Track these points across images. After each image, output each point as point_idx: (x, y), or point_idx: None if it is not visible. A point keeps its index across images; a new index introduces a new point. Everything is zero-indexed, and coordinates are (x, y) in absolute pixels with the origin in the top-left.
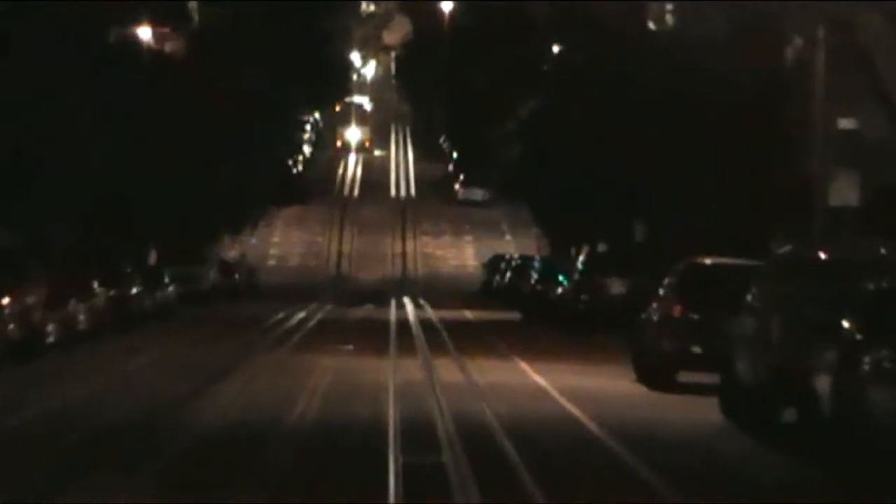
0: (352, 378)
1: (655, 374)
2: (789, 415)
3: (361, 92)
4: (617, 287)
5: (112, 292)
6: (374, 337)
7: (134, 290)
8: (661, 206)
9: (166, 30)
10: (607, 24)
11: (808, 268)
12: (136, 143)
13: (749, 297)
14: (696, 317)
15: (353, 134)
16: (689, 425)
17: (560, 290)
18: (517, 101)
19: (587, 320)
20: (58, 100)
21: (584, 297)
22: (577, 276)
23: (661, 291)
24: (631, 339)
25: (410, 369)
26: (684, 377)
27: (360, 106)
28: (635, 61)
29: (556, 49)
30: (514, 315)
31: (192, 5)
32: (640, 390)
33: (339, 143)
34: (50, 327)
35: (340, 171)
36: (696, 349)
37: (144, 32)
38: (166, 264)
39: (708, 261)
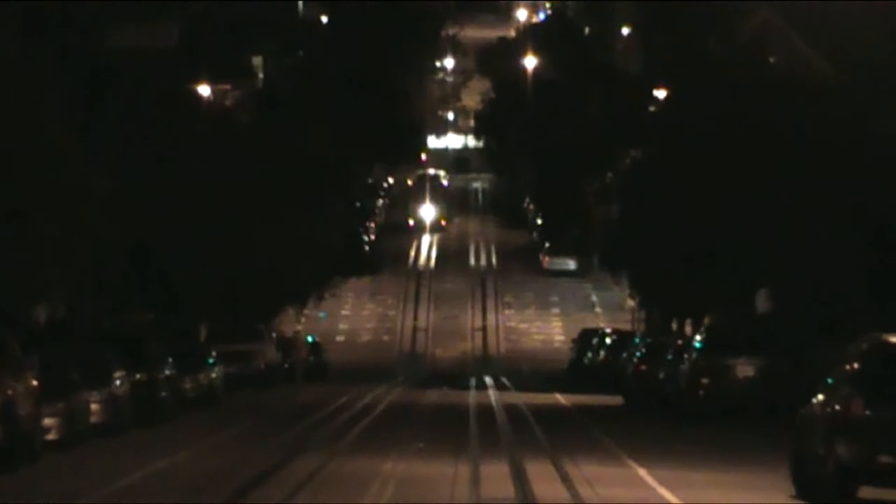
0: (420, 494)
1: (827, 490)
2: None
3: (439, 164)
4: (745, 369)
5: (138, 376)
6: (450, 429)
7: (166, 373)
8: (790, 270)
9: (227, 86)
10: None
11: None
12: (187, 203)
13: None
14: (884, 415)
15: (428, 211)
16: None
17: (670, 371)
18: (615, 154)
19: (710, 410)
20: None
21: (704, 380)
22: (693, 356)
23: (830, 380)
24: (795, 443)
25: (496, 479)
26: (865, 493)
27: (435, 178)
28: (753, 103)
29: (658, 94)
30: (614, 399)
31: (257, 61)
32: None
33: (410, 222)
34: (49, 422)
35: (415, 246)
36: (886, 458)
37: (203, 89)
38: (216, 341)
39: None
